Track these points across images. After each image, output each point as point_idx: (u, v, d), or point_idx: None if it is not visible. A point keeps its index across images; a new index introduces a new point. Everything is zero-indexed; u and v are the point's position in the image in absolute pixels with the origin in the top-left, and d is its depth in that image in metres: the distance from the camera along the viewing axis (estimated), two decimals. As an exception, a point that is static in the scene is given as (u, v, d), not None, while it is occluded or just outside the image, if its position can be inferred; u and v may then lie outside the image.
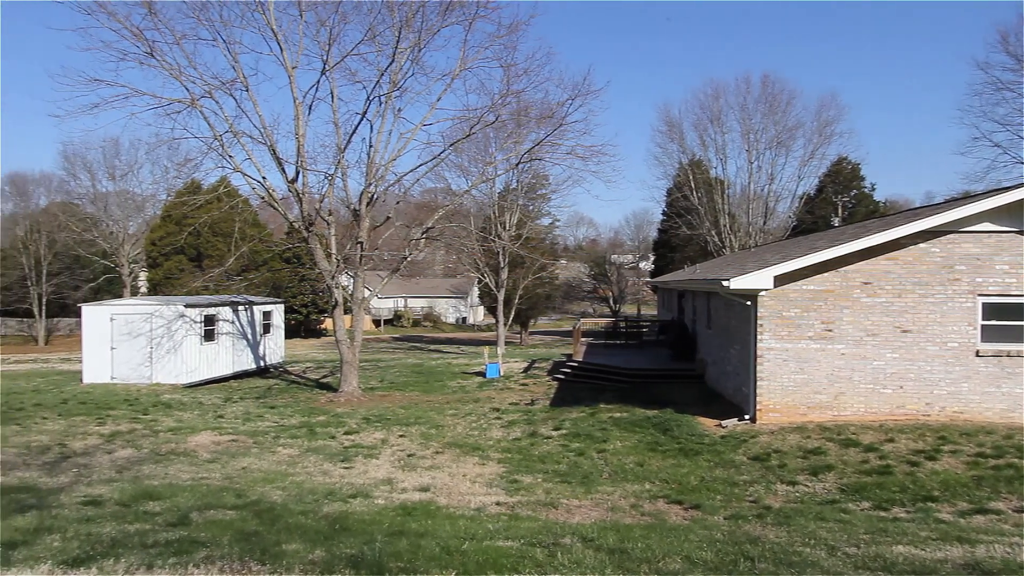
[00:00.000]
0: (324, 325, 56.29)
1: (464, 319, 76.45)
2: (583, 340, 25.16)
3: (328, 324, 55.14)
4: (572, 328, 26.95)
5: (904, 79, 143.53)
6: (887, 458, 10.24)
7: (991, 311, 12.31)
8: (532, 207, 45.81)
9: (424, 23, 18.60)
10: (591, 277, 78.78)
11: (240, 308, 24.82)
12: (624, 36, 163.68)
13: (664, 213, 51.50)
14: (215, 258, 41.43)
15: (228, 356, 23.89)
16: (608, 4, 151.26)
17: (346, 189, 20.74)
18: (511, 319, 43.73)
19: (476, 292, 60.36)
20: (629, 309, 73.92)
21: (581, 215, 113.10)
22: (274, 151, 19.15)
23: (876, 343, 12.49)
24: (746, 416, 12.99)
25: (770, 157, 42.99)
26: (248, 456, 12.15)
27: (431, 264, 69.33)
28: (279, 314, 27.76)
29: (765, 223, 43.77)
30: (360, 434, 14.26)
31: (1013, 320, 12.18)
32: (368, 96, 19.18)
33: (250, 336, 25.29)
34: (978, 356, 12.26)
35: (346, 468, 11.26)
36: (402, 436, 13.96)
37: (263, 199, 20.39)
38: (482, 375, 23.23)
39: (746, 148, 43.29)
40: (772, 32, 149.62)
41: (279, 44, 18.56)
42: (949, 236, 12.34)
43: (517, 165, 26.63)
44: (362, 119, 19.42)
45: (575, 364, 21.55)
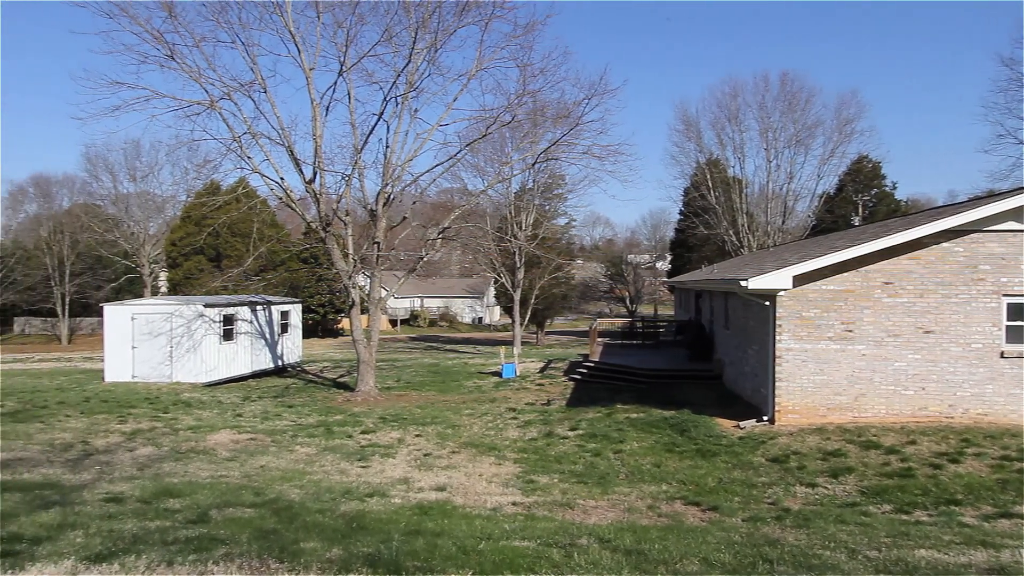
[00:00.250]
0: (341, 325, 56.61)
1: (480, 319, 76.49)
2: (599, 340, 25.04)
3: (345, 324, 55.51)
4: (588, 328, 26.88)
5: (926, 76, 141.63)
6: (909, 460, 10.10)
7: (1016, 311, 12.10)
8: (548, 207, 45.70)
9: (440, 24, 18.68)
10: (607, 277, 78.52)
11: (258, 308, 25.05)
12: (640, 36, 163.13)
13: (681, 213, 51.02)
14: (234, 258, 41.84)
15: (246, 355, 24.12)
16: (625, 4, 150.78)
17: (363, 189, 20.91)
18: (527, 319, 43.66)
19: (492, 292, 60.33)
20: (646, 309, 73.52)
21: (597, 215, 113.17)
22: (292, 152, 19.32)
23: (898, 344, 12.32)
24: (764, 417, 12.87)
25: (789, 155, 42.54)
26: (266, 455, 12.25)
27: (447, 264, 69.53)
28: (296, 314, 27.97)
29: (784, 222, 43.28)
30: (377, 433, 14.33)
31: (1039, 321, 11.97)
32: (385, 97, 19.30)
33: (268, 336, 25.51)
34: (1003, 357, 12.06)
35: (363, 467, 11.31)
36: (418, 436, 14.00)
37: (281, 200, 20.59)
38: (498, 375, 23.23)
39: (764, 146, 42.88)
40: (791, 31, 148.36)
41: (297, 46, 18.73)
42: (973, 235, 12.14)
43: (533, 165, 26.60)
44: (379, 120, 19.54)
45: (591, 364, 21.49)
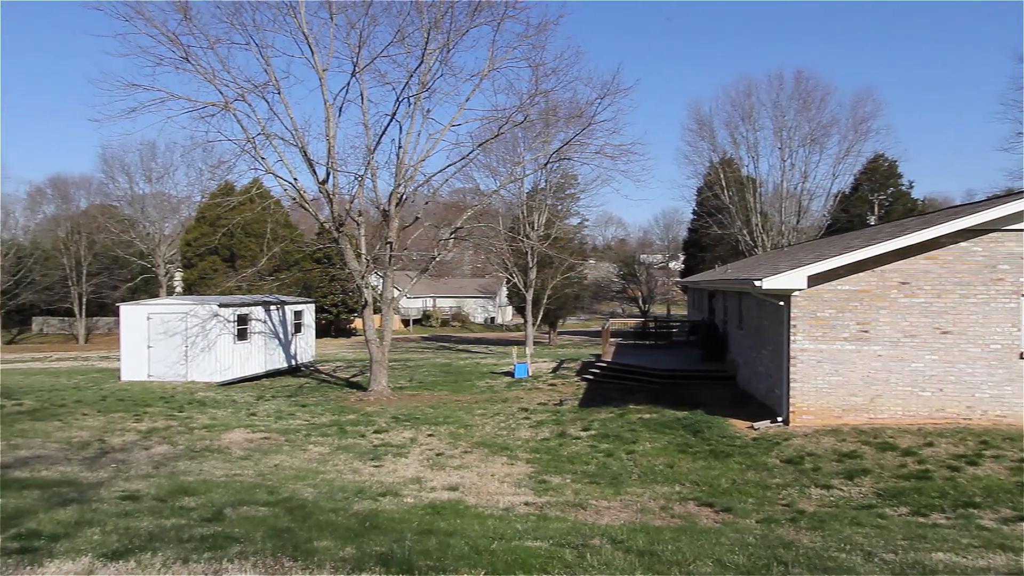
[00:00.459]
0: (354, 325, 56.88)
1: (492, 319, 76.53)
2: (612, 340, 24.96)
3: (358, 324, 55.74)
4: (601, 328, 26.80)
5: (944, 74, 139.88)
6: (926, 462, 9.98)
7: (1036, 312, 11.92)
8: (561, 207, 45.58)
9: (453, 24, 18.70)
10: (620, 277, 78.26)
11: (272, 308, 25.22)
12: (652, 36, 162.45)
13: (694, 212, 50.68)
14: (248, 258, 42.11)
15: (260, 355, 24.28)
16: (637, 3, 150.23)
17: (376, 190, 20.98)
18: (539, 319, 43.57)
19: (504, 292, 60.35)
20: (658, 309, 73.23)
21: (610, 215, 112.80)
22: (305, 153, 19.43)
23: (914, 344, 12.18)
24: (779, 418, 12.77)
25: (804, 154, 42.09)
26: (280, 454, 12.33)
27: (459, 264, 69.60)
28: (310, 314, 28.12)
29: (798, 222, 42.87)
30: (389, 433, 14.37)
31: (1059, 321, 11.79)
32: (397, 97, 19.35)
33: (282, 335, 25.67)
34: (1022, 358, 11.88)
35: (376, 467, 11.35)
36: (431, 435, 14.02)
37: (294, 200, 20.71)
38: (510, 375, 23.23)
39: (779, 146, 42.46)
40: (805, 30, 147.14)
41: (310, 47, 18.85)
42: (992, 235, 11.98)
43: (546, 165, 26.56)
44: (391, 120, 19.60)
45: (604, 364, 21.43)
